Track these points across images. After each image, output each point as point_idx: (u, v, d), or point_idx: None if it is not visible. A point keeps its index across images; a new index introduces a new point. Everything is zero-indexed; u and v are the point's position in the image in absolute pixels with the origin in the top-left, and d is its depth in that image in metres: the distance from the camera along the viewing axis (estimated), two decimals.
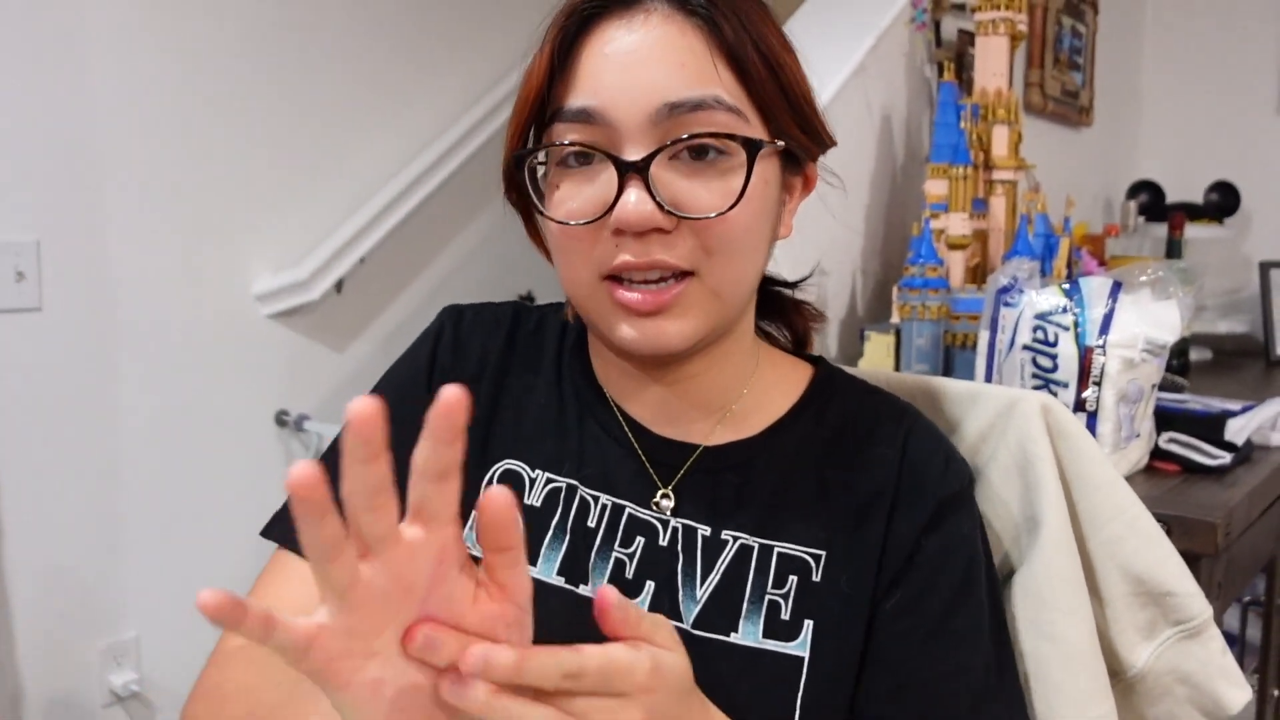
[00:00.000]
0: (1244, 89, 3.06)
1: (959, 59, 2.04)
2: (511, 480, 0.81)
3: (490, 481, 0.81)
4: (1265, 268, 2.66)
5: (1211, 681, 0.80)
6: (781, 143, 0.72)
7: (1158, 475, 1.36)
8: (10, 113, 1.77)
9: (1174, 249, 2.53)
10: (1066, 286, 1.36)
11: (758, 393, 0.81)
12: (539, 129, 0.74)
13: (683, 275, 0.69)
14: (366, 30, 2.33)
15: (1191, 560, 0.84)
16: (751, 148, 0.69)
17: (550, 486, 0.80)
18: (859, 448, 0.79)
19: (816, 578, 0.74)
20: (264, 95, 2.15)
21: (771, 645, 0.72)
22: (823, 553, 0.75)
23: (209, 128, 2.06)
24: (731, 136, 0.69)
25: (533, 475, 0.81)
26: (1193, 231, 2.72)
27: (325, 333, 2.31)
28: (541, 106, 0.73)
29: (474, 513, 0.77)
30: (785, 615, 0.73)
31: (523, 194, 0.78)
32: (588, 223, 0.70)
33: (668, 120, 0.68)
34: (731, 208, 0.68)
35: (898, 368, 1.63)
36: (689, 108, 0.68)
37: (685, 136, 0.68)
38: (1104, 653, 0.80)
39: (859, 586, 0.74)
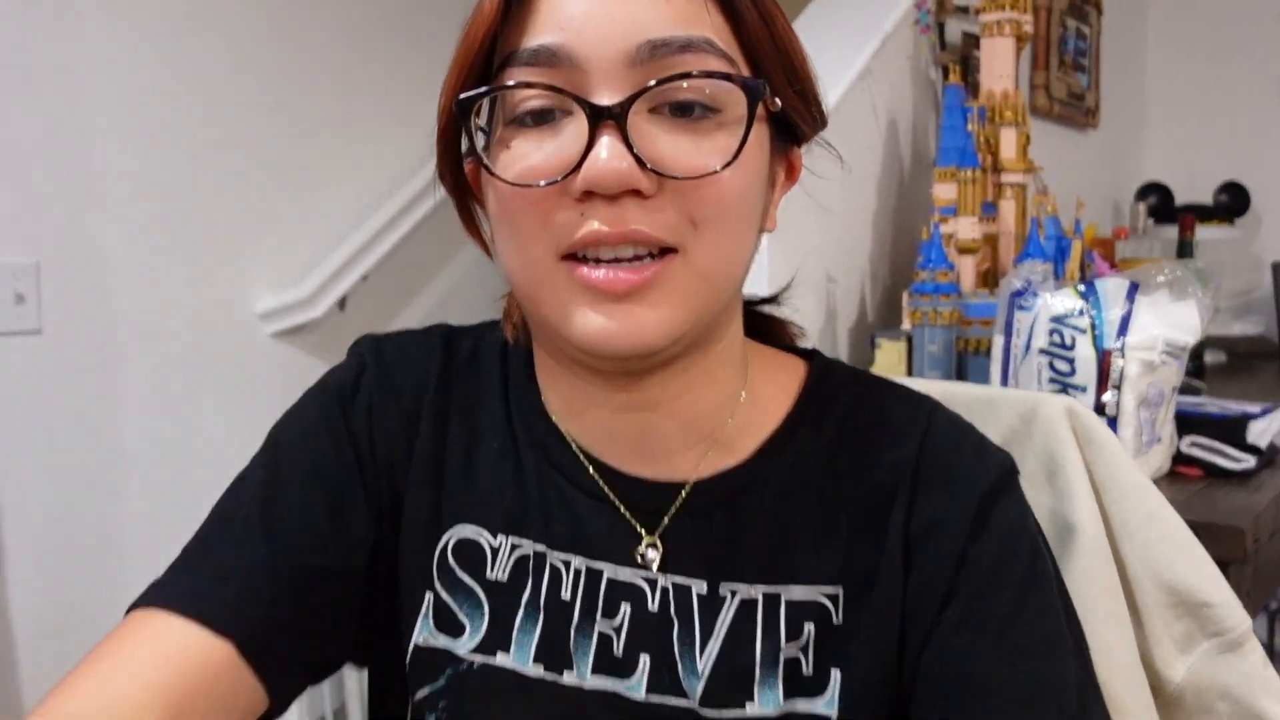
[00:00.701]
0: (1251, 88, 3.03)
1: (964, 62, 2.02)
2: (470, 551, 0.68)
3: (444, 554, 0.68)
4: (1277, 268, 2.63)
5: (1254, 696, 0.76)
6: (779, 101, 0.61)
7: (1180, 480, 1.33)
8: (9, 134, 1.75)
9: (1185, 250, 2.50)
10: (1082, 288, 1.33)
11: (749, 407, 0.68)
12: (486, 80, 0.60)
13: (663, 252, 0.57)
14: (365, 45, 2.32)
15: (1219, 567, 0.81)
16: (752, 93, 0.58)
17: (517, 554, 0.67)
18: (867, 452, 0.67)
19: (838, 620, 0.63)
20: (263, 112, 2.14)
21: (798, 706, 0.62)
22: (839, 590, 0.64)
23: (208, 146, 2.04)
24: (728, 77, 0.57)
25: (495, 542, 0.68)
26: (1203, 233, 2.70)
27: (329, 351, 2.28)
28: (491, 52, 0.60)
29: (427, 598, 0.68)
30: (808, 670, 0.62)
31: (458, 167, 0.65)
32: (548, 184, 0.56)
33: (649, 62, 0.56)
34: (728, 165, 0.57)
35: (910, 375, 1.60)
36: (675, 48, 0.56)
37: (673, 76, 0.56)
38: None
39: (883, 615, 0.63)
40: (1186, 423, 1.42)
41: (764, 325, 0.76)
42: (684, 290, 0.58)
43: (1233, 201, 2.91)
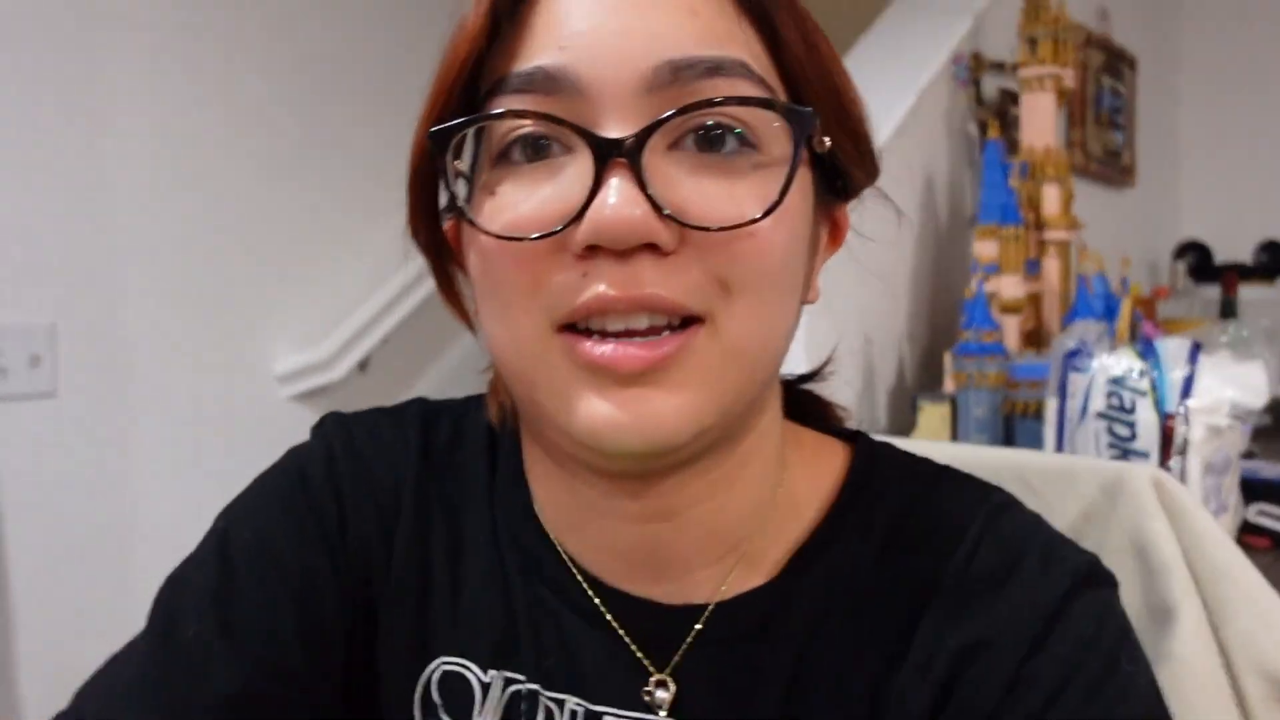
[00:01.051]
0: None
1: (1000, 117, 1.97)
2: (456, 687, 0.57)
3: (428, 689, 0.57)
4: None
5: None
6: (828, 140, 0.50)
7: (1249, 551, 1.25)
8: (27, 195, 1.72)
9: (1229, 310, 2.43)
10: (1140, 348, 1.27)
11: (785, 510, 0.57)
12: (470, 111, 0.50)
13: (685, 323, 0.47)
14: (385, 103, 2.30)
15: None
16: (799, 125, 0.47)
17: (510, 691, 0.56)
18: (915, 560, 0.55)
19: None
20: (284, 170, 2.11)
21: None
22: None
23: (226, 206, 2.01)
24: (769, 104, 0.47)
25: (485, 678, 0.56)
26: (1244, 292, 2.63)
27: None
28: (475, 78, 0.49)
29: None
30: None
31: (435, 221, 0.54)
32: (542, 236, 0.46)
33: (669, 87, 0.46)
34: (768, 212, 0.46)
35: (954, 439, 1.53)
36: (702, 70, 0.46)
37: (699, 104, 0.46)
38: None
39: None
40: (1246, 488, 1.35)
41: (801, 404, 0.65)
42: (712, 370, 0.47)
43: (1272, 260, 2.84)
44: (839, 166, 0.53)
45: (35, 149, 1.72)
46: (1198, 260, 2.78)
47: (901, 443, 0.62)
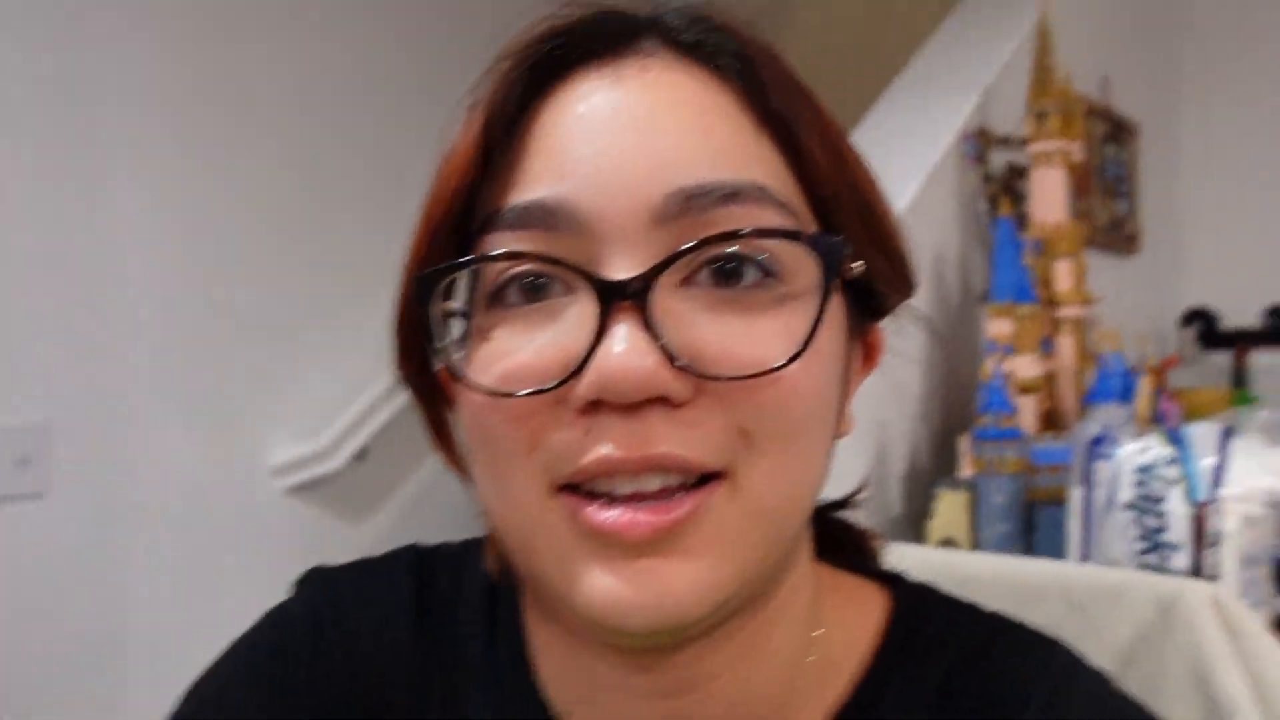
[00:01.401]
0: None
1: (1008, 192, 1.95)
2: None
3: None
4: None
5: None
6: (860, 264, 0.45)
7: None
8: (19, 291, 1.68)
9: (1241, 378, 2.40)
10: (1168, 433, 1.22)
11: (820, 672, 0.51)
12: (462, 249, 0.45)
13: (703, 480, 0.42)
14: (383, 188, 2.28)
15: None
16: (829, 256, 0.42)
17: None
18: None
19: None
20: (278, 260, 2.08)
21: None
22: None
23: (223, 292, 1.97)
24: (794, 234, 0.42)
25: None
26: (1253, 358, 2.59)
27: (349, 508, 2.18)
28: (467, 212, 0.45)
29: None
30: None
31: (424, 360, 0.49)
32: (538, 392, 0.41)
33: (681, 218, 0.41)
34: (795, 357, 0.41)
35: (974, 528, 1.47)
36: (717, 197, 0.42)
37: (715, 237, 0.41)
38: None
39: None
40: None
41: (831, 535, 0.58)
42: (731, 533, 0.42)
43: None
44: (873, 288, 0.49)
45: (30, 246, 1.70)
46: (1204, 327, 2.75)
47: (937, 556, 0.57)
